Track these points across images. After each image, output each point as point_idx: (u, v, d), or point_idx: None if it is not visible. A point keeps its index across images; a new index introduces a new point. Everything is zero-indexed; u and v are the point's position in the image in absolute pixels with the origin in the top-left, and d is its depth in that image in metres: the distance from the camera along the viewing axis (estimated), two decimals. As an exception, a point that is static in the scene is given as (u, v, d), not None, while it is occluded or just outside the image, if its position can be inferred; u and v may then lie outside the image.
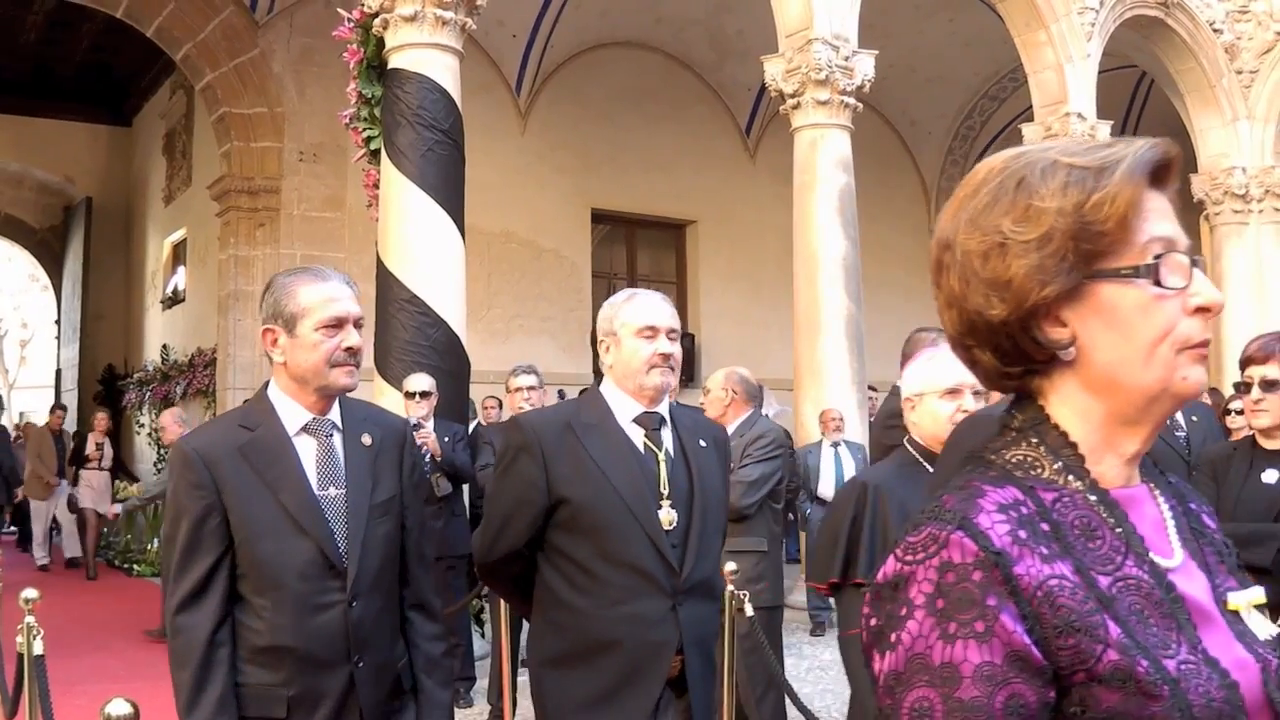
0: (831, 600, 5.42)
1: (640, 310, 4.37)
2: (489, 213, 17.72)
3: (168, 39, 18.87)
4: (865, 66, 13.43)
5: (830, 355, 13.36)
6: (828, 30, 13.14)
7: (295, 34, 18.49)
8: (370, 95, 11.18)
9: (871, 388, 14.72)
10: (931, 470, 4.58)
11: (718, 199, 21.50)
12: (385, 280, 10.88)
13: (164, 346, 22.82)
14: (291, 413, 3.80)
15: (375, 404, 4.63)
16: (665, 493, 4.30)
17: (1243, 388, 5.61)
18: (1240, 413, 9.21)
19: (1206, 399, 9.40)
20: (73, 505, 19.14)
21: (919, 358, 4.87)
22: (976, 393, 4.56)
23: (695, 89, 21.78)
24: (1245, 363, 5.58)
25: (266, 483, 3.68)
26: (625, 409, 4.38)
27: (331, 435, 3.84)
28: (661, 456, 4.36)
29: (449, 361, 10.59)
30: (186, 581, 3.61)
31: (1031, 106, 16.87)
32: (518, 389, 9.83)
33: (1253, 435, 5.76)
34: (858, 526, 4.68)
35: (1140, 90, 23.43)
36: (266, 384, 3.90)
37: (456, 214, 10.79)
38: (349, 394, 3.93)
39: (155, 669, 10.79)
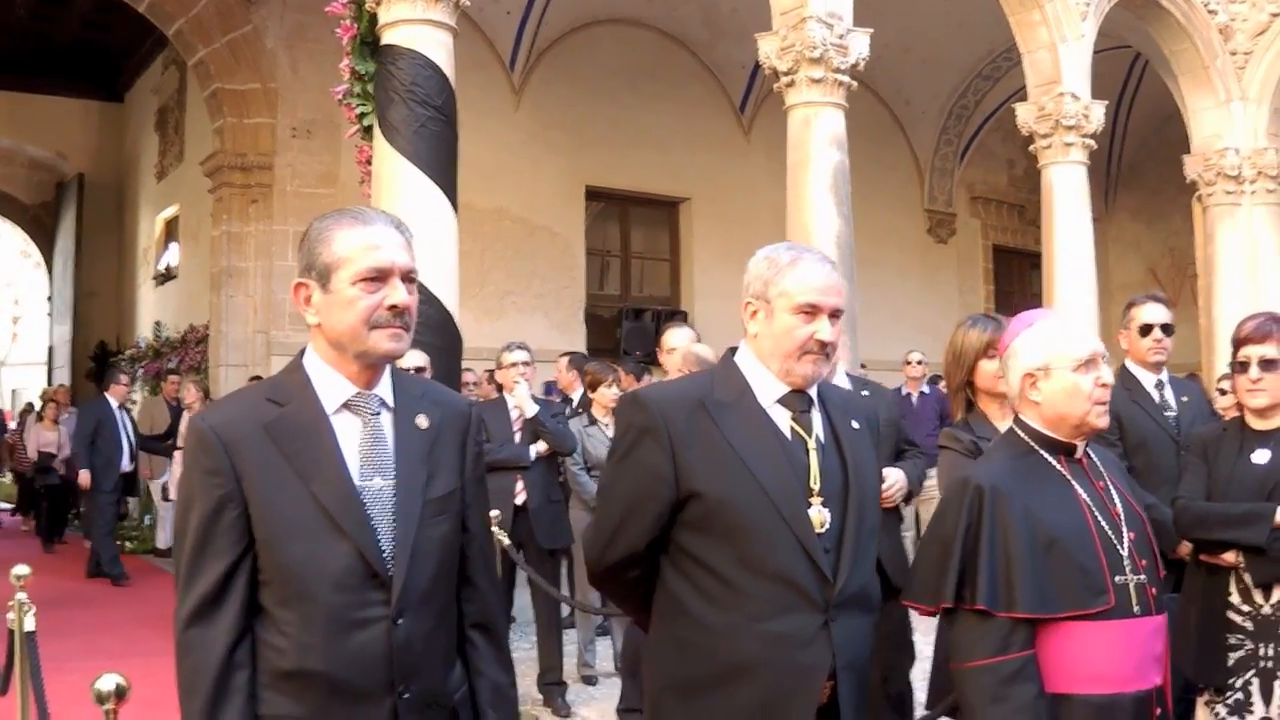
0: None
1: (804, 281, 3.73)
2: (482, 190, 17.67)
3: (160, 14, 18.83)
4: (860, 45, 13.37)
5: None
6: (822, 8, 13.08)
7: (288, 10, 18.43)
8: (363, 71, 11.13)
9: (863, 366, 14.74)
10: (1054, 462, 4.08)
11: (712, 176, 21.49)
12: (378, 257, 10.82)
13: (156, 323, 22.80)
14: (330, 385, 3.20)
15: (431, 381, 3.90)
16: (816, 488, 3.67)
17: (1238, 368, 5.61)
18: (1225, 393, 9.22)
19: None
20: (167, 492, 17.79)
21: (1034, 324, 4.22)
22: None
23: (690, 67, 21.76)
24: (1241, 343, 5.59)
25: (297, 470, 3.07)
26: (768, 387, 3.75)
27: (379, 414, 3.23)
28: (811, 444, 3.73)
29: (442, 338, 10.56)
30: (198, 588, 3.03)
31: (1025, 86, 16.84)
32: (511, 364, 9.89)
33: (1242, 416, 5.78)
34: (973, 538, 3.94)
35: (1135, 71, 23.43)
36: (302, 352, 3.31)
37: (449, 191, 10.76)
38: (400, 365, 3.40)
39: (149, 645, 10.84)
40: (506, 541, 8.97)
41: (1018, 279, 26.58)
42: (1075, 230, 16.20)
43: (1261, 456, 5.59)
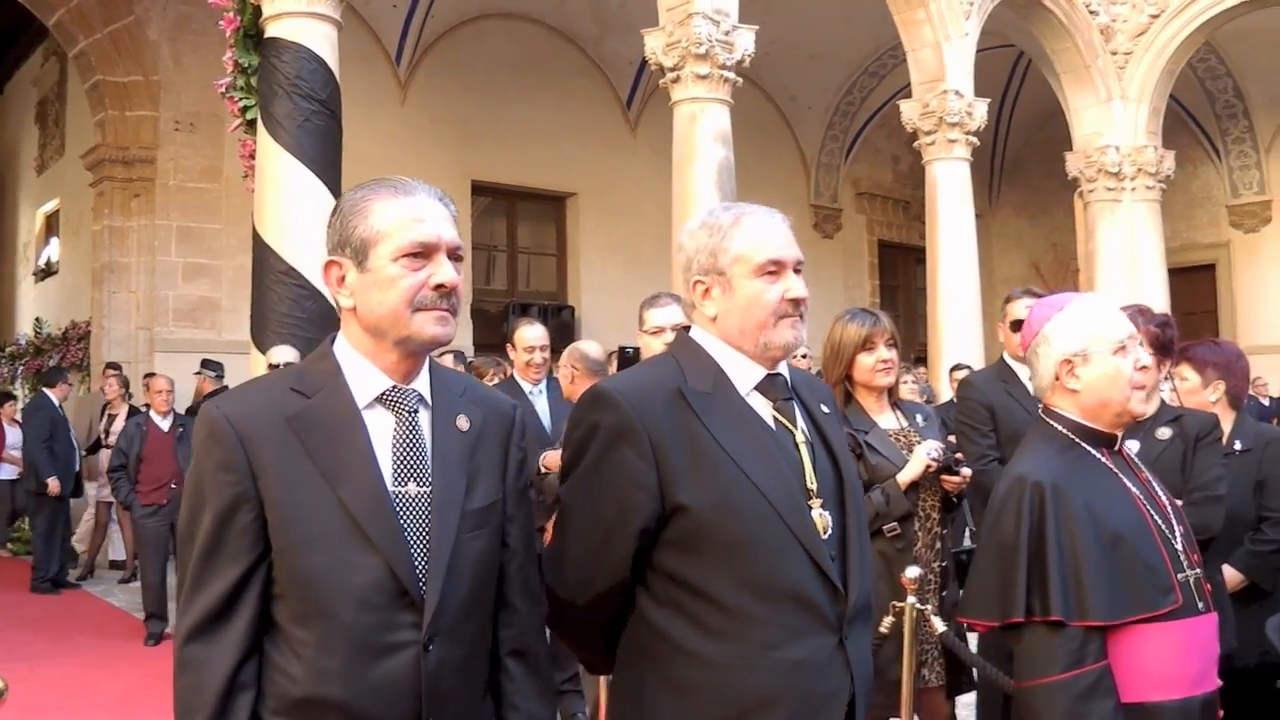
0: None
1: (759, 238, 3.27)
2: None
3: (40, 4, 18.48)
4: (745, 41, 13.46)
5: (709, 328, 13.25)
6: (708, 5, 13.15)
7: (171, 1, 18.17)
8: (247, 64, 11.06)
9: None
10: (1099, 455, 3.78)
11: (599, 172, 21.50)
12: (261, 252, 10.77)
13: (37, 319, 22.40)
14: (363, 377, 2.87)
15: (470, 377, 3.42)
16: (814, 488, 3.21)
17: None
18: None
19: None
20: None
21: (1065, 307, 3.88)
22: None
23: (577, 62, 21.75)
24: None
25: (322, 470, 2.75)
26: (742, 373, 3.25)
27: (417, 412, 2.90)
28: (800, 436, 3.27)
29: (324, 333, 10.32)
30: (203, 598, 2.73)
31: (910, 83, 17.02)
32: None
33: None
34: (1037, 542, 3.58)
35: (1018, 69, 23.84)
36: (331, 338, 2.99)
37: (334, 185, 10.70)
38: (441, 356, 3.00)
39: (33, 649, 10.70)
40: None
41: (903, 273, 26.83)
42: (959, 225, 16.44)
43: (1131, 446, 5.67)
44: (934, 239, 16.60)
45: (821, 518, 3.16)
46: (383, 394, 2.86)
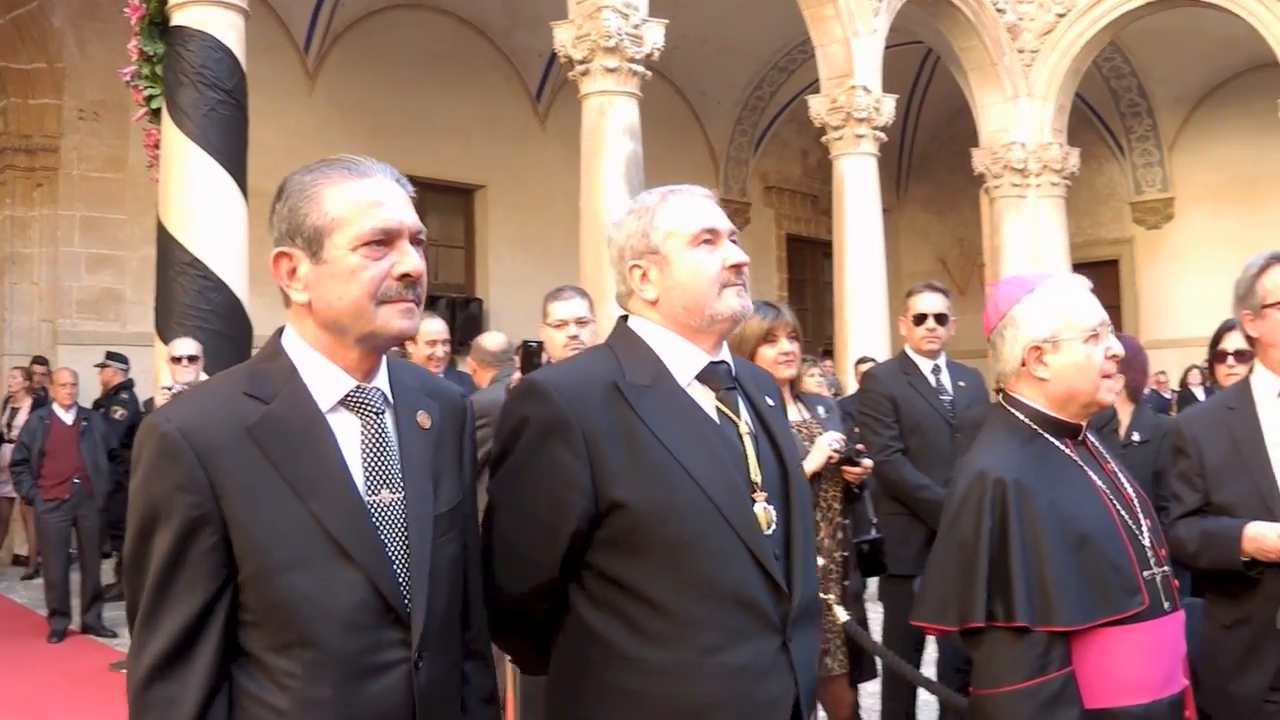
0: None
1: (689, 209, 3.16)
2: (275, 176, 16.47)
3: (-60, -10, 18.27)
4: (655, 35, 13.50)
5: (615, 320, 13.26)
6: (619, -2, 13.21)
7: (77, -13, 17.96)
8: (152, 53, 10.95)
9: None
10: (1063, 447, 3.61)
11: (508, 165, 21.43)
12: (166, 243, 10.71)
13: (-64, 310, 22.10)
14: (323, 377, 2.64)
15: (420, 366, 3.17)
16: (759, 481, 3.08)
17: None
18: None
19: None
20: None
21: (1035, 289, 3.69)
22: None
23: (487, 54, 21.68)
24: None
25: (291, 483, 2.51)
26: (683, 360, 3.11)
27: (383, 413, 2.70)
28: (744, 428, 3.13)
29: (231, 326, 10.47)
30: (162, 633, 2.47)
31: (819, 79, 17.13)
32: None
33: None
34: (999, 543, 3.40)
35: (926, 66, 24.04)
36: (279, 332, 2.75)
37: (239, 176, 10.66)
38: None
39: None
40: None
41: (810, 267, 26.96)
42: (866, 220, 16.58)
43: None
44: (841, 233, 16.72)
45: (765, 512, 3.03)
46: (347, 395, 2.65)
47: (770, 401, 3.29)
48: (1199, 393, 17.22)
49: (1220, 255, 22.35)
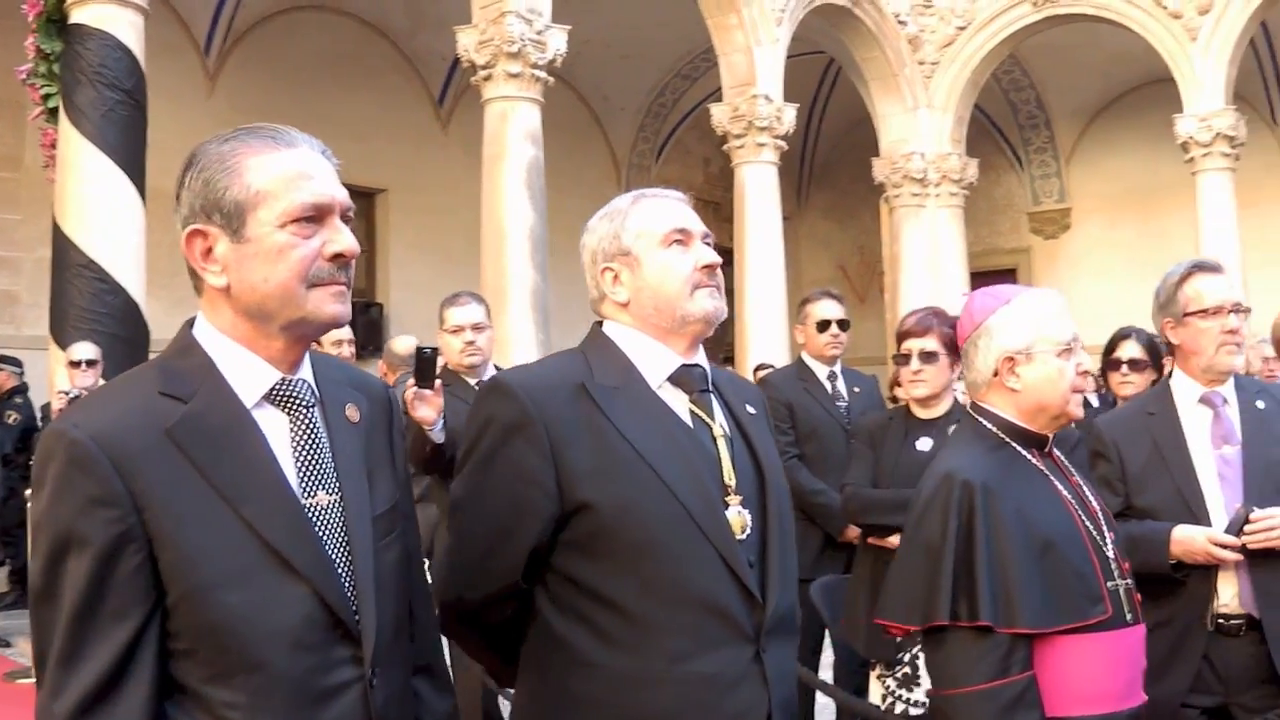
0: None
1: (660, 211, 3.13)
2: (174, 177, 16.99)
3: None
4: (558, 41, 13.54)
5: (516, 327, 13.36)
6: (522, 4, 13.21)
7: (-29, -16, 17.71)
8: (50, 51, 10.83)
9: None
10: (1030, 456, 3.63)
11: (409, 169, 21.33)
12: (62, 245, 10.58)
13: None
14: (244, 370, 2.38)
15: (337, 358, 2.98)
16: (732, 484, 2.97)
17: (901, 360, 5.84)
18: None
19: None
20: None
21: (1011, 300, 3.70)
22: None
23: (390, 57, 21.59)
24: (903, 336, 5.84)
25: (219, 489, 2.25)
26: (654, 363, 3.04)
27: (313, 406, 2.46)
28: (717, 430, 3.04)
29: (127, 329, 10.37)
30: (86, 671, 2.17)
31: (721, 87, 17.22)
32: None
33: (907, 405, 6.06)
34: (965, 543, 3.41)
35: (828, 75, 24.21)
36: (190, 323, 2.47)
37: (137, 177, 10.57)
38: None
39: None
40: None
41: (712, 275, 27.01)
42: (766, 227, 16.67)
43: (925, 444, 5.84)
44: (742, 241, 16.81)
45: (740, 516, 2.93)
46: (273, 389, 2.40)
47: (751, 410, 3.20)
48: (1093, 399, 17.43)
49: (1115, 265, 22.75)
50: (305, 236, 2.34)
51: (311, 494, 2.36)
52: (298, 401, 2.41)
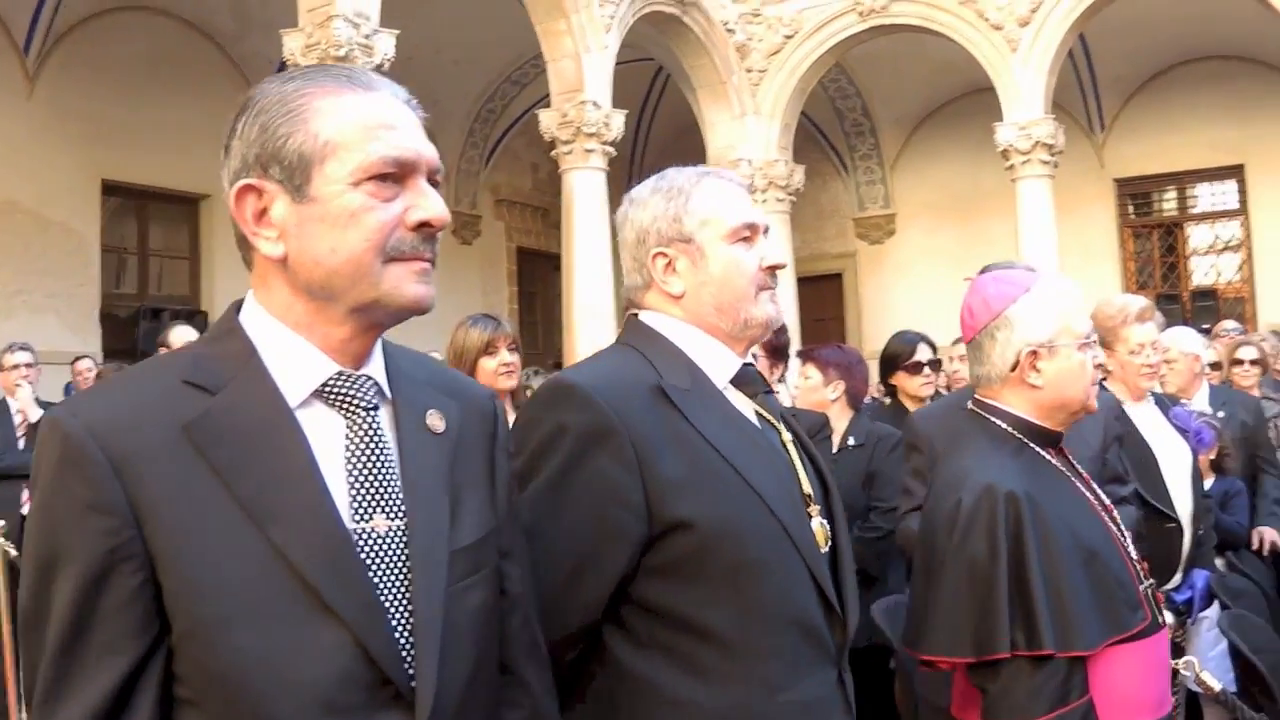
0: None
1: (730, 198, 2.79)
2: None
3: None
4: (386, 45, 13.48)
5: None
6: (349, 7, 13.12)
7: None
8: None
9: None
10: (1049, 457, 3.38)
11: (235, 174, 21.06)
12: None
13: None
14: (294, 360, 1.95)
15: (429, 356, 2.53)
16: (811, 494, 2.73)
17: None
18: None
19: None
20: None
21: (1033, 287, 3.39)
22: None
23: (215, 60, 21.27)
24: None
25: (243, 503, 1.81)
26: (718, 363, 2.75)
27: (376, 409, 1.99)
28: (785, 435, 2.80)
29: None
30: (71, 709, 1.77)
31: (550, 93, 17.25)
32: (13, 366, 9.64)
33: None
34: (1021, 564, 3.08)
35: (657, 82, 24.37)
36: (236, 306, 2.07)
37: (-47, 181, 10.36)
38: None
39: None
40: (14, 553, 8.28)
41: (541, 280, 26.99)
42: (594, 233, 16.72)
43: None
44: (570, 247, 16.85)
45: (823, 528, 2.70)
46: (326, 384, 1.96)
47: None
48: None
49: (937, 270, 23.11)
50: (385, 199, 1.92)
51: (366, 517, 1.91)
52: (357, 401, 1.97)
